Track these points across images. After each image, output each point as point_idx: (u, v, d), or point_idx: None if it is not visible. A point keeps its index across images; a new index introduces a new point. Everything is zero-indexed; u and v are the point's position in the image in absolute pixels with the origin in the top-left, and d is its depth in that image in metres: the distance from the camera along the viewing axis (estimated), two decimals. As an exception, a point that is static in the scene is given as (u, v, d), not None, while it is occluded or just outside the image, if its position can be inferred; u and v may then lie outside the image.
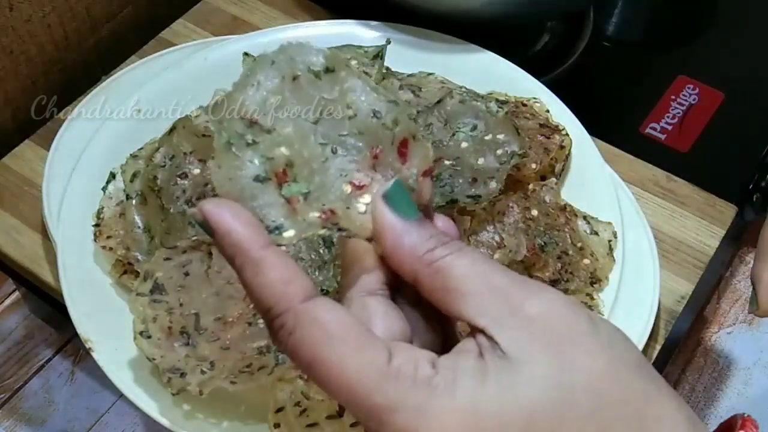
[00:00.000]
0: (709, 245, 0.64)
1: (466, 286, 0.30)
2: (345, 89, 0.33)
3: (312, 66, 0.33)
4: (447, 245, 0.31)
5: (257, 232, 0.30)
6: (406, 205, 0.32)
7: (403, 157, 0.33)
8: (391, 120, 0.33)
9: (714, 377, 0.92)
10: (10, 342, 0.87)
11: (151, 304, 0.50)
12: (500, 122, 0.60)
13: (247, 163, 0.32)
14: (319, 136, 0.33)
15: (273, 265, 0.29)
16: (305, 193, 0.33)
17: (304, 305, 0.29)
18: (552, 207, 0.59)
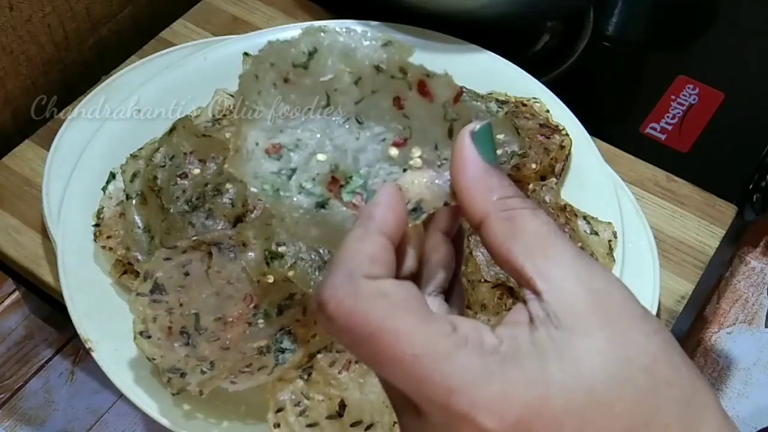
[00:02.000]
0: (709, 245, 0.64)
1: (534, 243, 0.29)
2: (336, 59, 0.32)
3: (295, 61, 0.32)
4: (525, 199, 0.30)
5: (394, 221, 0.30)
6: (491, 149, 0.31)
7: (428, 96, 0.32)
8: (398, 68, 0.32)
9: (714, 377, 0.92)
10: (10, 342, 0.87)
11: (151, 304, 0.50)
12: (500, 122, 0.59)
13: (301, 197, 0.31)
14: (340, 117, 0.32)
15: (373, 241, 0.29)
16: (362, 184, 0.32)
17: (370, 281, 0.28)
18: (552, 207, 0.59)
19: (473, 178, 0.30)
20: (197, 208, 0.55)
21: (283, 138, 0.32)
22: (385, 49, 0.32)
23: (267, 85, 0.32)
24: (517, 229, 0.29)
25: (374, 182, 0.32)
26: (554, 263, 0.29)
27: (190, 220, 0.55)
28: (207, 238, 0.52)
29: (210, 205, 0.55)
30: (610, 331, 0.28)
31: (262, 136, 0.32)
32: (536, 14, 0.73)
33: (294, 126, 0.32)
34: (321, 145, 0.32)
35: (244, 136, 0.32)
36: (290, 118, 0.32)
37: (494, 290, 0.55)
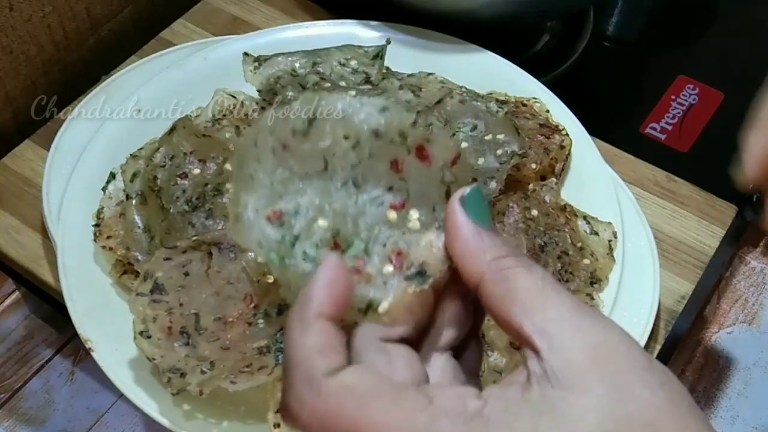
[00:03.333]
0: (709, 245, 0.64)
1: (530, 301, 0.29)
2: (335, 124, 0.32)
3: (295, 128, 0.32)
4: (518, 257, 0.30)
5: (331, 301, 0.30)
6: (481, 212, 0.31)
7: (426, 160, 0.32)
8: (397, 133, 0.32)
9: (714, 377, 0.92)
10: (10, 342, 0.87)
11: (151, 304, 0.50)
12: (500, 122, 0.60)
13: (305, 264, 0.32)
14: (338, 182, 0.32)
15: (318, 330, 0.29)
16: (363, 248, 0.32)
17: (330, 377, 0.28)
18: (552, 207, 0.59)
19: (465, 242, 0.31)
20: (197, 208, 0.55)
21: (283, 204, 0.32)
22: (382, 114, 0.32)
23: (265, 152, 0.32)
24: (512, 289, 0.29)
25: (375, 246, 0.32)
26: (551, 319, 0.29)
27: (190, 220, 0.55)
28: (207, 238, 0.52)
29: (210, 205, 0.55)
30: (610, 386, 0.28)
31: (262, 203, 0.32)
32: (536, 14, 0.73)
33: (292, 192, 0.32)
34: (321, 210, 0.32)
35: (243, 203, 0.32)
36: (288, 184, 0.32)
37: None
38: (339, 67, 0.63)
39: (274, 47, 0.65)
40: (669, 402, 0.28)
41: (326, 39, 0.67)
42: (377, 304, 0.31)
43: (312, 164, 0.32)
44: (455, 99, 0.61)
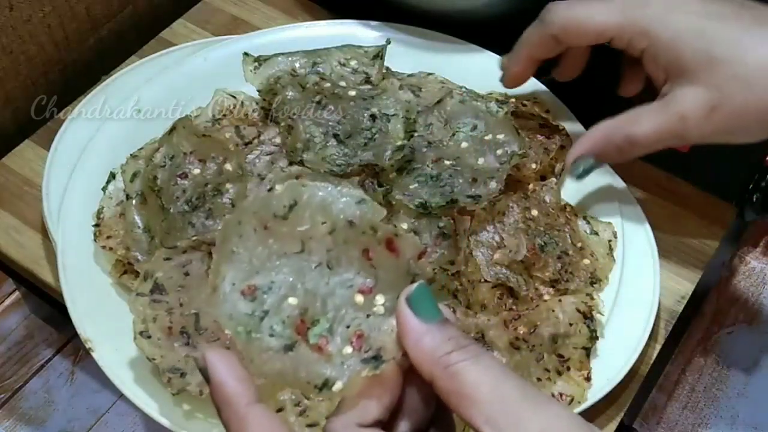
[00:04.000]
0: (709, 245, 0.64)
1: (477, 394, 0.31)
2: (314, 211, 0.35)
3: (276, 212, 0.35)
4: (464, 350, 0.32)
5: (246, 388, 0.32)
6: (427, 307, 0.33)
7: (395, 252, 0.35)
8: (368, 226, 0.35)
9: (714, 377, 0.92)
10: (10, 342, 0.87)
11: (151, 304, 0.50)
12: (500, 122, 0.60)
13: (271, 340, 0.34)
14: (312, 262, 0.35)
15: (257, 422, 0.31)
16: (328, 328, 0.34)
17: None
18: (552, 207, 0.59)
19: (414, 344, 0.32)
20: (197, 208, 0.55)
21: (258, 280, 0.34)
22: (358, 206, 0.35)
23: (248, 230, 0.35)
24: (460, 384, 0.31)
25: (340, 327, 0.34)
26: (498, 409, 0.30)
27: (190, 220, 0.55)
28: (207, 238, 0.52)
29: (210, 205, 0.55)
30: None
31: (239, 277, 0.34)
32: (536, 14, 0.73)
33: (269, 269, 0.35)
34: (293, 288, 0.35)
35: (222, 275, 0.34)
36: (266, 262, 0.35)
37: (494, 290, 0.55)
38: (339, 67, 0.63)
39: (274, 47, 0.65)
40: None
41: (326, 39, 0.67)
42: (332, 383, 0.33)
43: (290, 245, 0.35)
44: (455, 99, 0.61)
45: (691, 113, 0.50)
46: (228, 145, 0.58)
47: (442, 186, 0.56)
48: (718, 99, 0.49)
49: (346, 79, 0.63)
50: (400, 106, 0.60)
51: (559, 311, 0.54)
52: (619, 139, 0.53)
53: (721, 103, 0.49)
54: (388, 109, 0.59)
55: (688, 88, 0.50)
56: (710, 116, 0.50)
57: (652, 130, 0.51)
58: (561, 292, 0.55)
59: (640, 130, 0.52)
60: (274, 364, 0.34)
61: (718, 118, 0.49)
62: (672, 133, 0.51)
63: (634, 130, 0.52)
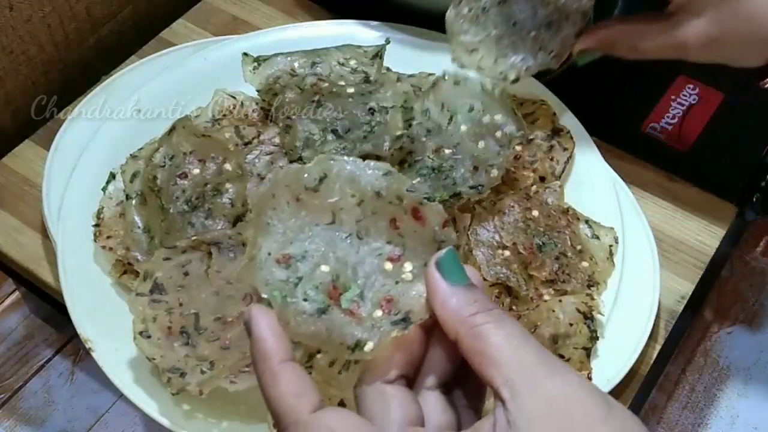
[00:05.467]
0: (709, 245, 0.64)
1: (498, 355, 0.32)
2: (343, 183, 0.37)
3: (307, 185, 0.37)
4: (489, 312, 0.33)
5: (283, 347, 0.33)
6: (455, 271, 0.35)
7: (420, 220, 0.37)
8: (395, 196, 0.37)
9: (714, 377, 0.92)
10: (10, 342, 0.87)
11: (151, 304, 0.50)
12: (497, 101, 0.59)
13: (305, 304, 0.36)
14: (343, 233, 0.37)
15: (288, 378, 0.33)
16: (359, 293, 0.36)
17: (313, 416, 0.32)
18: (554, 209, 0.59)
19: (442, 304, 0.34)
20: (197, 208, 0.55)
21: (293, 249, 0.36)
22: (385, 177, 0.37)
23: (281, 202, 0.37)
24: (483, 344, 0.32)
25: (369, 293, 0.36)
26: (516, 372, 0.31)
27: (189, 220, 0.55)
28: (207, 238, 0.52)
29: (210, 205, 0.55)
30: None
31: (274, 247, 0.36)
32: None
33: (302, 239, 0.37)
34: (325, 257, 0.36)
35: (258, 246, 0.36)
36: (300, 232, 0.37)
37: (492, 288, 0.55)
38: (338, 66, 0.63)
39: (274, 47, 0.65)
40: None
41: (326, 39, 0.67)
42: (364, 344, 0.35)
43: (322, 216, 0.37)
44: (449, 81, 0.60)
45: (692, 42, 0.54)
46: (228, 145, 0.58)
47: (444, 179, 0.56)
48: (720, 33, 0.53)
49: (345, 78, 0.63)
50: (398, 98, 0.60)
51: (560, 311, 0.54)
52: (624, 46, 0.58)
53: (723, 36, 0.53)
54: (387, 102, 0.59)
55: (694, 19, 0.53)
56: (710, 46, 0.54)
57: (654, 48, 0.56)
58: (560, 293, 0.55)
59: (643, 45, 0.57)
60: (308, 327, 0.35)
61: (718, 48, 0.54)
62: (672, 54, 0.56)
63: (638, 44, 0.57)
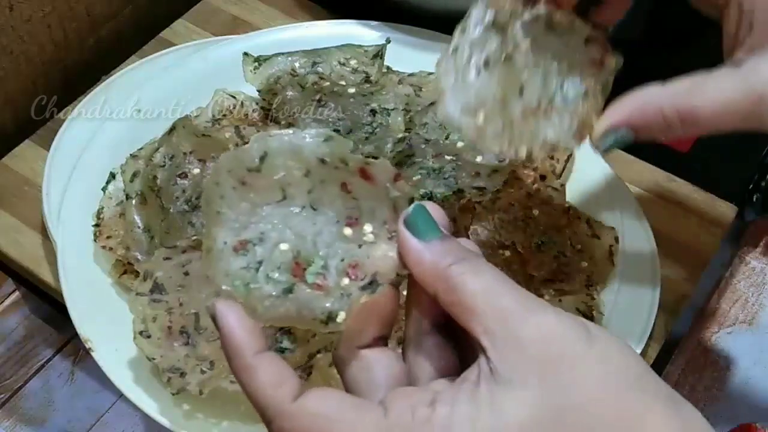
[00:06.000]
0: (709, 245, 0.64)
1: (475, 304, 0.31)
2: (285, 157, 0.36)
3: (249, 166, 0.36)
4: (463, 262, 0.32)
5: (255, 339, 0.33)
6: (425, 226, 0.34)
7: (370, 179, 0.36)
8: (339, 160, 0.36)
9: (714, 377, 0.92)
10: (10, 342, 0.87)
11: (151, 303, 0.50)
12: None
13: (269, 287, 0.35)
14: (296, 207, 0.36)
15: (264, 370, 0.32)
16: (323, 265, 0.35)
17: (295, 405, 0.31)
18: (555, 208, 0.59)
19: (416, 263, 0.33)
20: (197, 207, 0.55)
21: (248, 234, 0.35)
22: (326, 143, 0.36)
23: (227, 189, 0.35)
24: (459, 295, 0.31)
25: (333, 263, 0.35)
26: (493, 319, 0.31)
27: (189, 219, 0.55)
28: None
29: (210, 205, 0.55)
30: (544, 377, 0.29)
31: (230, 235, 0.35)
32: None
33: (256, 221, 0.36)
34: (282, 235, 0.36)
35: (213, 236, 0.35)
36: (252, 216, 0.36)
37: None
38: (339, 66, 0.63)
39: (274, 47, 0.65)
40: (604, 386, 0.29)
41: (326, 39, 0.67)
42: (336, 315, 0.34)
43: (271, 195, 0.36)
44: None
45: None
46: (228, 145, 0.58)
47: (446, 178, 0.56)
48: None
49: (345, 78, 0.63)
50: (399, 100, 0.60)
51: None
52: (672, 112, 0.41)
53: None
54: (388, 104, 0.60)
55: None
56: None
57: (722, 107, 0.41)
58: (560, 292, 0.55)
59: (704, 105, 0.41)
60: (277, 309, 0.34)
61: None
62: (745, 114, 0.41)
63: (697, 102, 0.41)
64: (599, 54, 0.44)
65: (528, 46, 0.42)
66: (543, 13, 0.43)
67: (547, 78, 0.43)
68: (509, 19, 0.42)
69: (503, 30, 0.43)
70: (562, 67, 0.43)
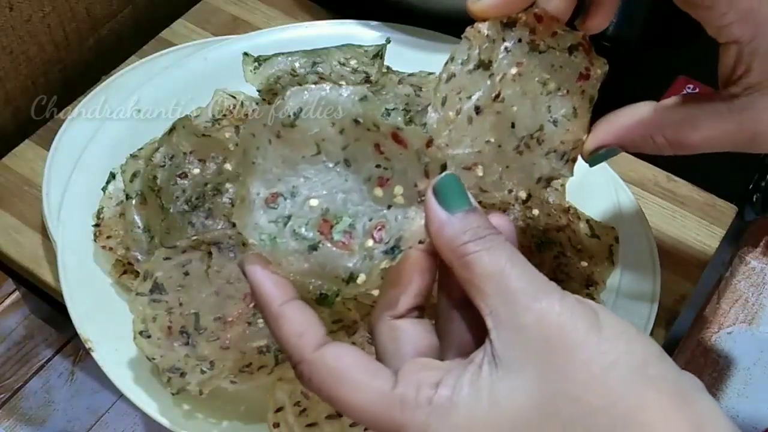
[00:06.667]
0: (709, 245, 0.64)
1: (483, 285, 0.31)
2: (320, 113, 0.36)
3: (284, 121, 0.35)
4: (480, 240, 0.32)
5: (282, 289, 0.34)
6: (453, 197, 0.33)
7: (402, 143, 0.35)
8: (371, 122, 0.35)
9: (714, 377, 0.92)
10: (10, 342, 0.87)
11: (151, 303, 0.50)
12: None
13: (295, 243, 0.35)
14: (330, 162, 0.36)
15: (289, 319, 0.33)
16: (350, 224, 0.35)
17: (315, 354, 0.33)
18: (555, 208, 0.59)
19: (437, 234, 0.33)
20: (197, 207, 0.55)
21: (281, 186, 0.36)
22: (361, 103, 0.36)
23: (263, 141, 0.35)
24: (471, 274, 0.32)
25: (361, 222, 0.35)
26: (500, 300, 0.31)
27: (189, 219, 0.55)
28: (207, 238, 0.52)
29: (210, 204, 0.55)
30: (542, 364, 0.29)
31: (263, 186, 0.36)
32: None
33: (290, 174, 0.36)
34: (314, 190, 0.36)
35: (247, 186, 0.35)
36: (286, 168, 0.36)
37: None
38: (339, 66, 0.63)
39: (274, 47, 0.65)
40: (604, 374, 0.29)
41: (326, 39, 0.67)
42: (356, 276, 0.35)
43: (306, 149, 0.36)
44: None
45: None
46: (228, 145, 0.58)
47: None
48: None
49: (345, 78, 0.63)
50: (399, 100, 0.60)
51: (559, 311, 0.54)
52: (661, 139, 0.44)
53: None
54: (388, 104, 0.59)
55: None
56: None
57: (710, 140, 0.43)
58: (561, 292, 0.55)
59: (694, 137, 0.43)
60: (301, 265, 0.35)
61: None
62: (733, 146, 0.43)
63: (688, 135, 0.43)
64: (585, 63, 0.44)
65: (514, 74, 0.42)
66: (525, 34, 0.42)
67: (536, 104, 0.42)
68: (492, 52, 0.41)
69: (488, 66, 0.42)
70: (549, 88, 0.42)
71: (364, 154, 0.36)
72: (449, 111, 0.42)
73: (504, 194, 0.43)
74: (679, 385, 0.29)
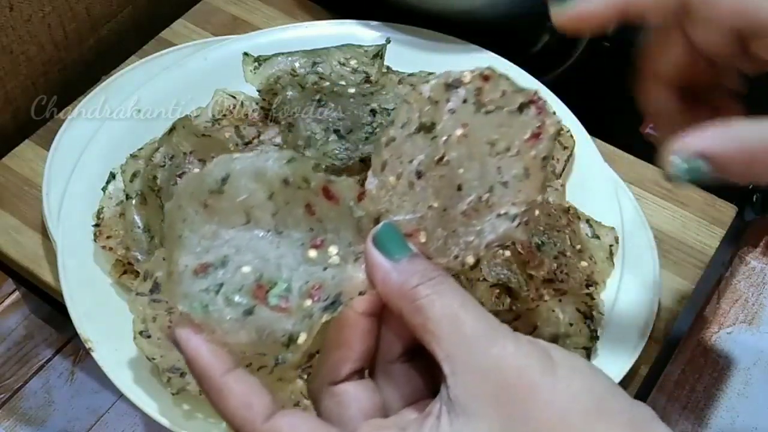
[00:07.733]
0: (709, 245, 0.64)
1: (438, 329, 0.31)
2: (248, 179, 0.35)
3: (210, 188, 0.35)
4: (430, 282, 0.32)
5: (220, 359, 0.32)
6: (394, 245, 0.33)
7: (333, 199, 0.35)
8: (302, 179, 0.35)
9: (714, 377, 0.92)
10: (10, 342, 0.87)
11: (151, 303, 0.50)
12: None
13: (228, 309, 0.34)
14: (260, 230, 0.35)
15: (233, 390, 0.32)
16: (285, 287, 0.34)
17: (266, 425, 0.31)
18: (555, 208, 0.59)
19: (382, 281, 0.33)
20: (197, 208, 0.55)
21: (210, 257, 0.34)
22: (289, 165, 0.35)
23: (189, 212, 0.35)
24: (424, 318, 0.31)
25: (297, 285, 0.34)
26: (455, 345, 0.30)
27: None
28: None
29: (210, 205, 0.55)
30: (501, 409, 0.29)
31: (191, 259, 0.34)
32: (536, 14, 0.73)
33: (219, 245, 0.35)
34: (245, 258, 0.34)
35: (175, 260, 0.34)
36: (215, 239, 0.35)
37: (492, 289, 0.55)
38: (339, 66, 0.63)
39: (274, 47, 0.65)
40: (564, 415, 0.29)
41: (326, 39, 0.67)
42: (296, 336, 0.34)
43: (235, 218, 0.35)
44: None
45: None
46: (228, 145, 0.58)
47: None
48: None
49: (345, 78, 0.63)
50: (399, 100, 0.60)
51: (560, 311, 0.54)
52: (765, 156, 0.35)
53: None
54: (388, 104, 0.60)
55: None
56: None
57: None
58: (559, 292, 0.55)
59: None
60: (237, 333, 0.33)
61: None
62: None
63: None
64: (536, 121, 0.41)
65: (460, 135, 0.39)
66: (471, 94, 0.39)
67: (484, 166, 0.40)
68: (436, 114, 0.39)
69: (430, 129, 0.39)
70: (498, 148, 0.39)
71: (295, 220, 0.35)
72: (389, 176, 0.39)
73: (449, 260, 0.39)
74: (633, 416, 0.29)
